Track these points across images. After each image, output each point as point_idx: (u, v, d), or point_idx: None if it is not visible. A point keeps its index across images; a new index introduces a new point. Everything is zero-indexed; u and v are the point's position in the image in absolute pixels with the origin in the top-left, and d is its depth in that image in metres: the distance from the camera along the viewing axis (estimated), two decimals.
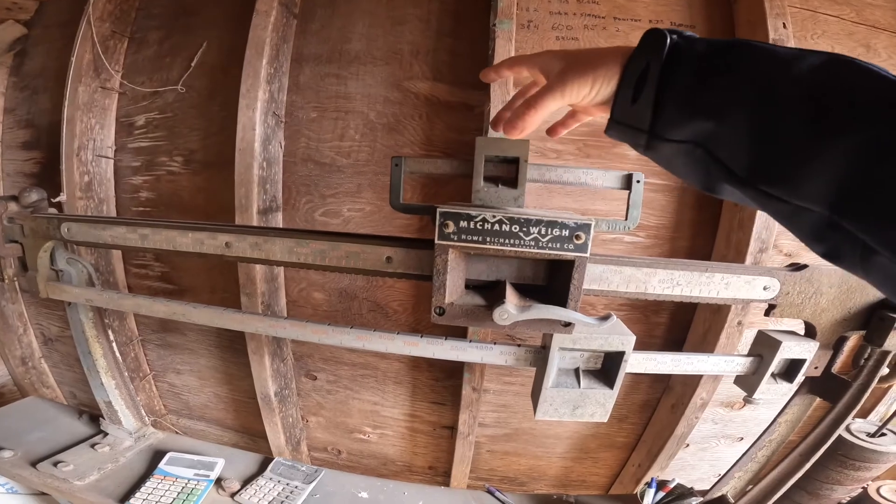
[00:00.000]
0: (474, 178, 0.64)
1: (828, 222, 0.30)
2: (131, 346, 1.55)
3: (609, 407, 0.79)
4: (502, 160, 0.68)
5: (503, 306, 0.60)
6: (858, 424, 1.05)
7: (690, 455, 1.49)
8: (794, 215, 0.32)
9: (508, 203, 0.67)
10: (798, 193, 0.31)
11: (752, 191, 0.34)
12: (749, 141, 0.33)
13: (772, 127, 0.32)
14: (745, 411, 1.44)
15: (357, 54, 1.22)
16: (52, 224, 0.90)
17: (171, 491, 1.09)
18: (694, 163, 0.37)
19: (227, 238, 0.74)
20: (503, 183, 0.69)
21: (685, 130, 0.37)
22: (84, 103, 1.32)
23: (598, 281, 0.69)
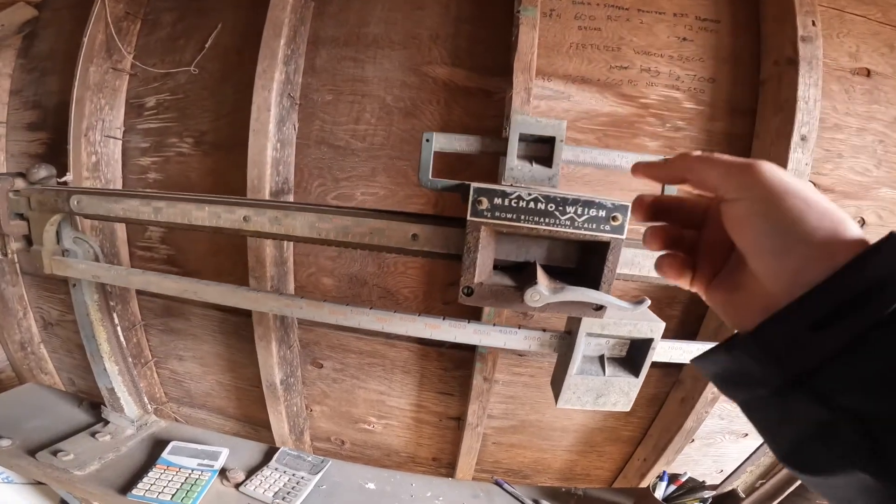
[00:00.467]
0: (508, 155, 0.62)
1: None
2: (134, 331, 1.52)
3: (633, 396, 0.77)
4: (537, 139, 0.66)
5: (535, 287, 0.58)
6: None
7: (695, 450, 1.48)
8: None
9: (542, 182, 0.65)
10: None
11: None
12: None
13: None
14: None
15: (375, 38, 1.20)
16: (60, 197, 0.87)
17: (175, 481, 1.07)
18: (824, 434, 0.27)
19: (246, 212, 0.72)
20: (537, 162, 0.67)
21: (863, 399, 0.25)
22: (94, 84, 1.30)
23: (630, 265, 0.67)
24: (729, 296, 0.34)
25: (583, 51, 1.13)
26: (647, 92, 1.14)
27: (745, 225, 0.30)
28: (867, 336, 0.25)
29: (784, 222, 0.28)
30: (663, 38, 1.12)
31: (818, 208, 0.28)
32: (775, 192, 0.28)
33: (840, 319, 0.25)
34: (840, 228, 0.27)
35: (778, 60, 1.07)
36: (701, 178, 0.33)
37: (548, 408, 1.45)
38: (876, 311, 0.24)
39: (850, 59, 1.13)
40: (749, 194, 0.29)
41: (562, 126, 0.62)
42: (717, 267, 0.35)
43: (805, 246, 0.27)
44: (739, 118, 1.14)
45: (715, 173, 0.31)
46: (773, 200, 0.28)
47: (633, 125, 1.15)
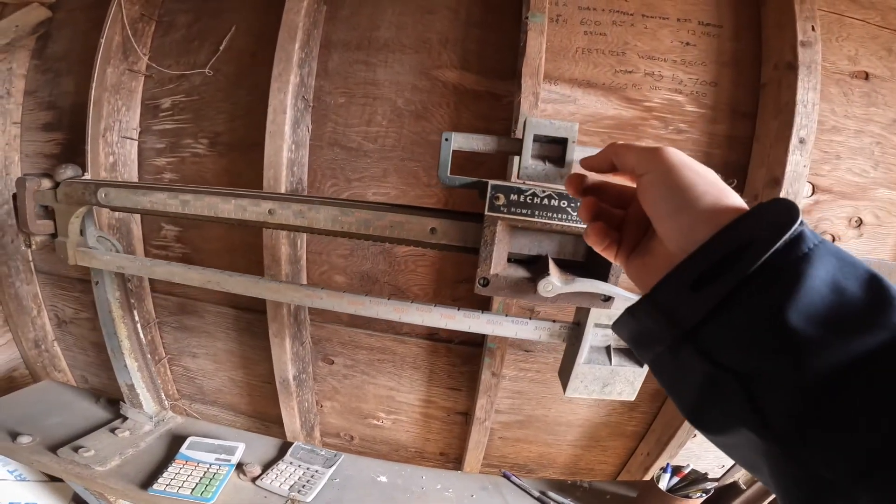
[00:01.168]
0: (522, 154, 0.66)
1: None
2: (149, 328, 1.55)
3: (637, 385, 0.81)
4: (551, 140, 0.69)
5: (548, 278, 0.61)
6: None
7: (697, 445, 1.49)
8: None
9: (555, 181, 0.69)
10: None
11: (777, 447, 0.25)
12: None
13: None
14: None
15: (386, 42, 1.24)
16: (88, 189, 0.90)
17: (194, 476, 1.10)
18: (713, 391, 0.28)
19: (271, 205, 0.76)
20: (550, 161, 0.70)
21: (739, 356, 0.27)
22: (112, 85, 1.33)
23: None
24: (642, 262, 0.39)
25: (588, 55, 1.16)
26: (650, 95, 1.17)
27: (650, 192, 0.35)
28: (736, 293, 0.27)
29: (678, 188, 0.33)
30: (667, 43, 1.16)
31: (707, 179, 0.33)
32: (674, 165, 0.33)
33: (715, 278, 0.28)
34: (723, 196, 0.31)
35: (778, 65, 1.10)
36: (622, 162, 0.38)
37: (554, 403, 1.48)
38: (742, 269, 0.27)
39: (849, 62, 1.15)
40: (654, 167, 0.35)
41: (574, 128, 0.65)
42: (637, 241, 0.40)
43: (694, 208, 0.31)
44: (740, 121, 1.17)
45: (632, 155, 0.37)
46: (671, 171, 0.33)
47: (637, 128, 1.18)
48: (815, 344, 0.24)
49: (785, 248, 0.26)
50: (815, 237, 0.27)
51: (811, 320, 0.25)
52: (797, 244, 0.26)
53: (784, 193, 1.08)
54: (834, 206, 1.22)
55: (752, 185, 1.16)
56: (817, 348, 0.24)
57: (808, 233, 0.27)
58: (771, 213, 0.28)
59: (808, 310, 0.25)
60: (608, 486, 1.29)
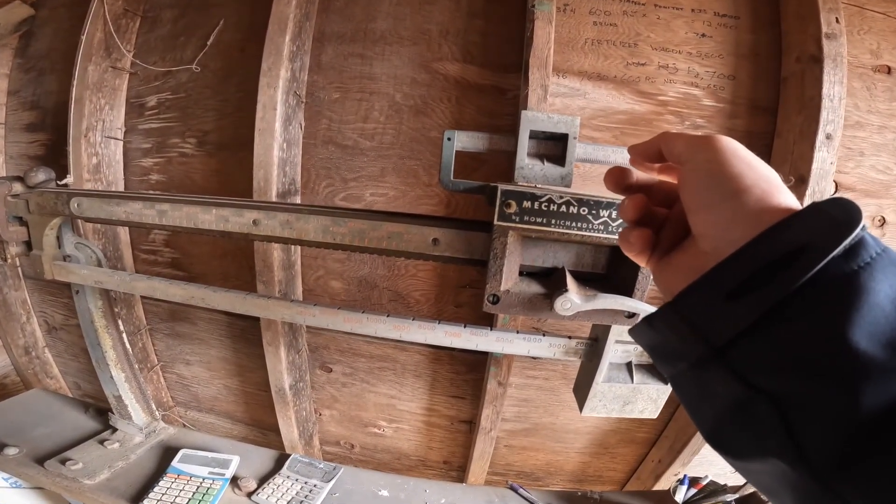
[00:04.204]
0: (518, 154, 0.59)
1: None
2: (139, 335, 1.50)
3: (661, 403, 0.75)
4: (549, 136, 0.63)
5: (566, 295, 0.55)
6: None
7: (709, 451, 1.45)
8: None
9: (555, 182, 0.62)
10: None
11: (813, 482, 0.22)
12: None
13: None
14: None
15: (383, 34, 1.17)
16: (60, 199, 0.84)
17: (186, 491, 1.04)
18: (741, 414, 0.24)
19: (255, 215, 0.69)
20: (549, 160, 0.64)
21: (779, 378, 0.23)
22: (94, 83, 1.27)
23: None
24: (669, 263, 0.34)
25: (598, 47, 1.10)
26: (665, 89, 1.10)
27: (690, 180, 0.31)
28: (783, 306, 0.23)
29: (721, 175, 0.28)
30: (681, 35, 1.09)
31: (758, 171, 0.28)
32: (724, 153, 0.29)
33: (755, 288, 0.24)
34: (774, 192, 0.27)
35: (800, 57, 1.04)
36: (670, 149, 0.33)
37: (562, 410, 1.43)
38: (792, 279, 0.23)
39: (871, 56, 1.10)
40: (700, 154, 0.30)
41: (575, 122, 0.59)
42: (675, 243, 0.35)
43: (736, 201, 0.27)
44: (760, 116, 1.11)
45: (681, 142, 0.32)
46: (719, 159, 0.29)
47: (650, 123, 1.12)
48: (876, 368, 0.20)
49: (843, 256, 0.22)
50: (877, 244, 0.23)
51: (874, 341, 0.21)
52: (857, 252, 0.22)
53: (810, 192, 1.02)
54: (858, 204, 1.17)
55: None
56: (879, 374, 0.20)
57: (869, 239, 0.23)
58: (827, 214, 0.24)
59: (871, 329, 0.21)
60: (619, 496, 1.23)
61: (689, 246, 0.32)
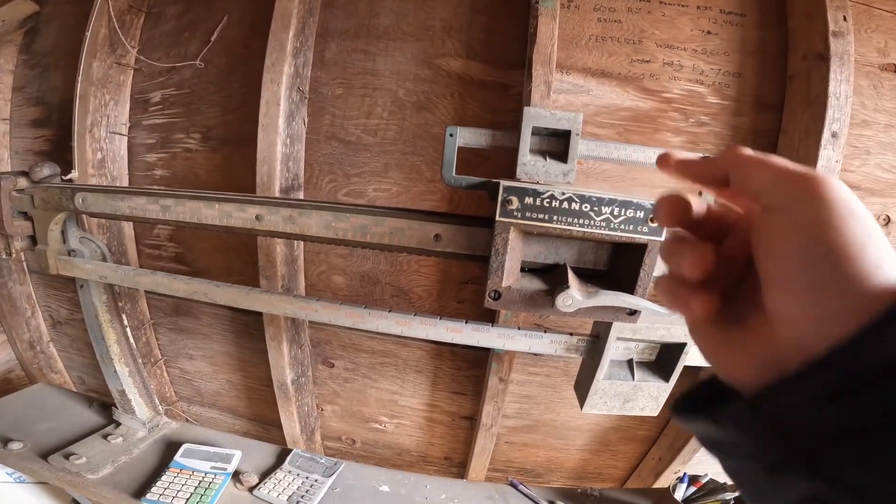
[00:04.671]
0: (520, 150, 0.59)
1: None
2: (143, 329, 1.50)
3: (662, 401, 0.75)
4: (551, 133, 0.63)
5: (567, 291, 0.55)
6: None
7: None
8: None
9: (557, 178, 0.62)
10: None
11: None
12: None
13: None
14: None
15: (386, 30, 1.17)
16: (65, 194, 0.85)
17: (189, 485, 1.05)
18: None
19: (258, 210, 0.70)
20: (551, 157, 0.64)
21: (871, 474, 0.20)
22: (98, 79, 1.27)
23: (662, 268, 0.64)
24: (724, 333, 0.27)
25: (602, 44, 1.09)
26: (669, 86, 1.10)
27: (781, 240, 0.23)
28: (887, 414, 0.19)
29: (832, 248, 0.21)
30: (686, 32, 1.08)
31: (881, 245, 0.21)
32: (836, 210, 0.21)
33: (865, 389, 0.19)
34: (884, 262, 0.21)
35: (807, 55, 1.03)
36: (746, 179, 0.25)
37: (563, 407, 1.43)
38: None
39: (878, 54, 1.09)
40: (800, 205, 0.22)
41: (577, 119, 0.59)
42: (724, 293, 0.28)
43: (850, 287, 0.21)
44: (766, 113, 1.10)
45: (765, 174, 0.24)
46: (830, 220, 0.21)
47: (655, 120, 1.11)
48: None
49: None
50: None
51: None
52: None
53: None
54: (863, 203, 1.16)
55: None
56: None
57: None
58: None
59: None
60: (619, 494, 1.24)
61: (756, 324, 0.25)
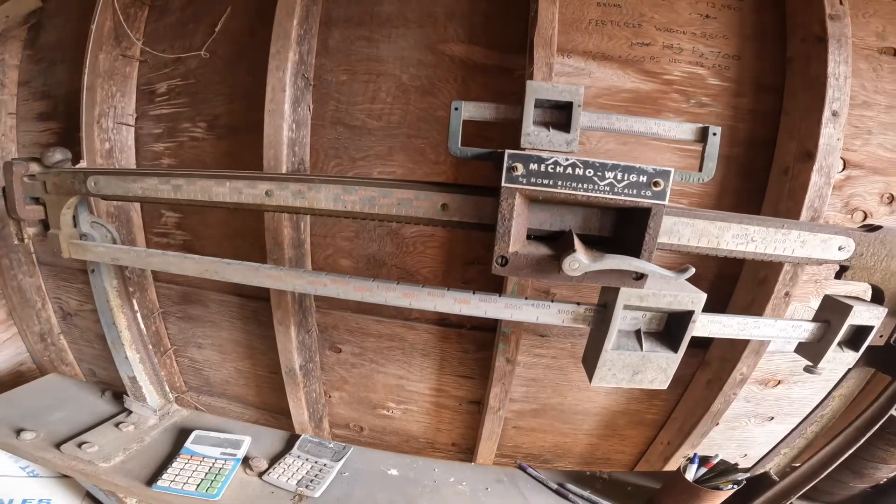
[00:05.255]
0: (524, 121, 0.60)
1: None
2: (152, 318, 1.52)
3: (671, 372, 0.74)
4: (554, 105, 0.63)
5: (574, 255, 0.56)
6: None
7: (719, 434, 1.45)
8: None
9: (561, 147, 0.63)
10: None
11: None
12: None
13: None
14: (779, 390, 1.41)
15: (389, 17, 1.18)
16: (77, 178, 0.86)
17: (199, 471, 1.07)
18: None
19: (268, 186, 0.71)
20: (554, 127, 0.64)
21: None
22: (105, 71, 1.29)
23: (669, 234, 0.65)
24: None
25: (602, 27, 1.10)
26: (670, 68, 1.11)
27: None
28: None
29: None
30: (685, 16, 1.10)
31: None
32: None
33: None
34: None
35: (805, 38, 1.04)
36: None
37: (570, 391, 1.44)
38: None
39: (877, 38, 1.10)
40: None
41: (579, 91, 0.60)
42: None
43: None
44: (765, 94, 1.11)
45: None
46: None
47: (656, 101, 1.12)
48: None
49: None
50: None
51: None
52: None
53: (818, 167, 1.02)
54: (866, 181, 1.17)
55: (781, 158, 1.11)
56: None
57: None
58: None
59: None
60: (628, 477, 1.22)
61: None
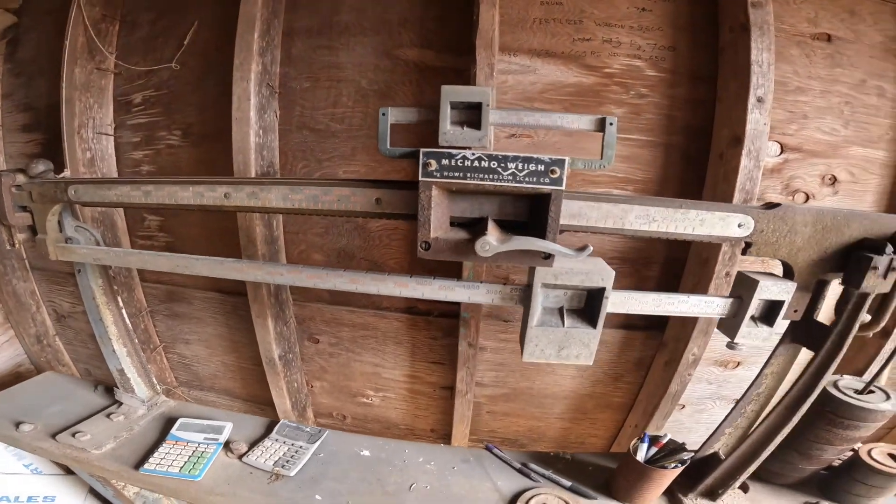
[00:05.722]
0: (440, 122, 0.68)
1: None
2: (141, 317, 1.60)
3: (593, 348, 0.81)
4: (467, 106, 0.70)
5: (484, 238, 0.64)
6: (847, 381, 1.03)
7: (687, 417, 1.51)
8: None
9: (473, 143, 0.70)
10: None
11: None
12: None
13: None
14: (740, 371, 1.45)
15: (347, 25, 1.25)
16: (59, 187, 0.95)
17: (183, 455, 1.15)
18: None
19: (226, 189, 0.79)
20: (468, 126, 0.72)
21: None
22: (81, 84, 1.36)
23: (577, 217, 0.73)
24: None
25: (546, 25, 1.17)
26: (609, 62, 1.17)
27: None
28: None
29: None
30: (623, 10, 1.16)
31: None
32: None
33: None
34: None
35: (733, 27, 1.10)
36: None
37: (537, 375, 1.51)
38: None
39: (809, 24, 1.15)
40: None
41: (487, 92, 0.67)
42: None
43: None
44: (700, 84, 1.18)
45: None
46: None
47: (598, 94, 1.19)
48: None
49: None
50: None
51: None
52: None
53: (746, 151, 1.09)
54: (805, 164, 1.23)
55: (717, 144, 1.17)
56: None
57: None
58: None
59: None
60: (590, 457, 1.27)
61: None
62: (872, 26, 1.16)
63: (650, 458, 1.07)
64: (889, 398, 0.99)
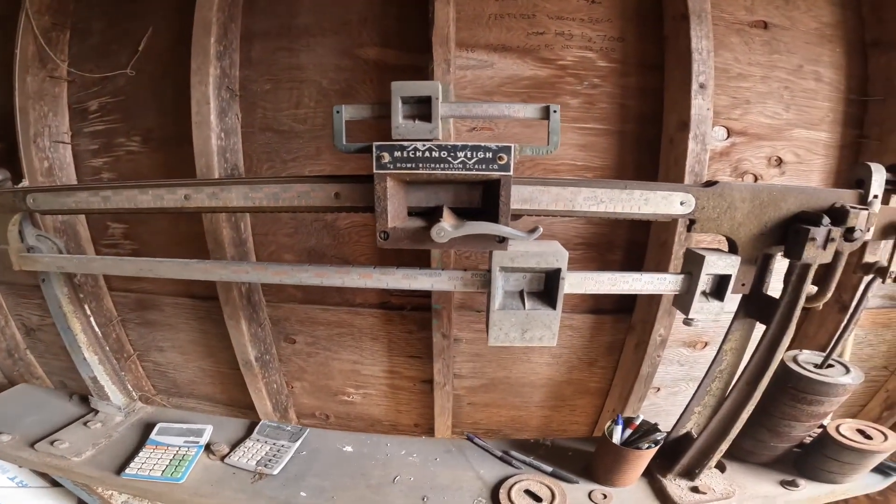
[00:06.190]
0: (392, 116, 0.71)
1: None
2: (111, 326, 1.58)
3: (555, 329, 0.84)
4: (418, 100, 0.72)
5: (439, 224, 0.67)
6: (806, 355, 1.05)
7: (662, 399, 1.56)
8: None
9: (425, 135, 0.72)
10: None
11: None
12: None
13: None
14: (708, 352, 1.49)
15: (307, 27, 1.26)
16: (17, 197, 0.94)
17: (164, 459, 1.15)
18: None
19: (186, 191, 0.80)
20: (420, 119, 0.74)
21: None
22: (34, 92, 1.34)
23: (529, 201, 0.76)
24: None
25: (501, 20, 1.20)
26: (563, 54, 1.22)
27: None
28: None
29: None
30: (574, 3, 1.20)
31: None
32: None
33: None
34: None
35: (675, 16, 1.15)
36: None
37: (514, 364, 1.54)
38: None
39: (746, 12, 1.21)
40: None
41: (436, 86, 0.70)
42: None
43: None
44: (649, 73, 1.23)
45: None
46: None
47: (553, 86, 1.23)
48: None
49: None
50: None
51: None
52: None
53: (692, 135, 1.14)
54: (751, 147, 1.29)
55: (667, 130, 1.23)
56: None
57: None
58: None
59: None
60: (569, 443, 1.30)
61: None
62: (806, 13, 1.23)
63: (625, 439, 1.08)
64: (849, 372, 1.01)
